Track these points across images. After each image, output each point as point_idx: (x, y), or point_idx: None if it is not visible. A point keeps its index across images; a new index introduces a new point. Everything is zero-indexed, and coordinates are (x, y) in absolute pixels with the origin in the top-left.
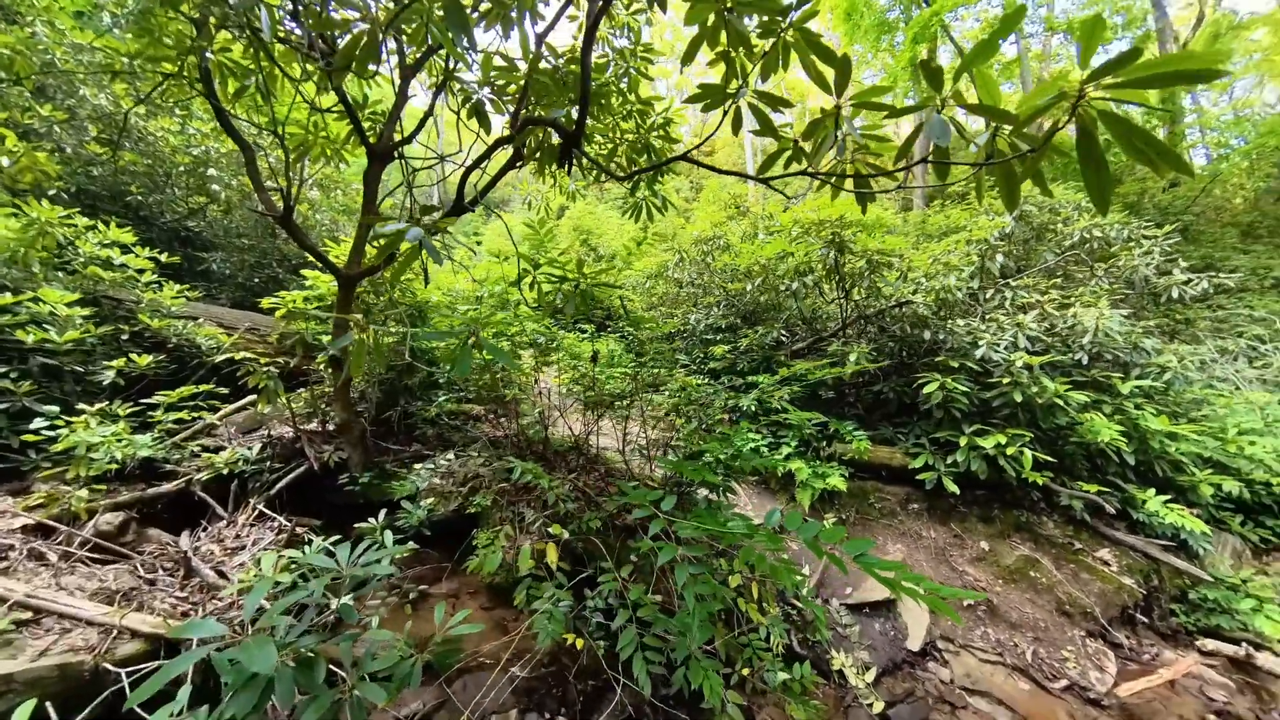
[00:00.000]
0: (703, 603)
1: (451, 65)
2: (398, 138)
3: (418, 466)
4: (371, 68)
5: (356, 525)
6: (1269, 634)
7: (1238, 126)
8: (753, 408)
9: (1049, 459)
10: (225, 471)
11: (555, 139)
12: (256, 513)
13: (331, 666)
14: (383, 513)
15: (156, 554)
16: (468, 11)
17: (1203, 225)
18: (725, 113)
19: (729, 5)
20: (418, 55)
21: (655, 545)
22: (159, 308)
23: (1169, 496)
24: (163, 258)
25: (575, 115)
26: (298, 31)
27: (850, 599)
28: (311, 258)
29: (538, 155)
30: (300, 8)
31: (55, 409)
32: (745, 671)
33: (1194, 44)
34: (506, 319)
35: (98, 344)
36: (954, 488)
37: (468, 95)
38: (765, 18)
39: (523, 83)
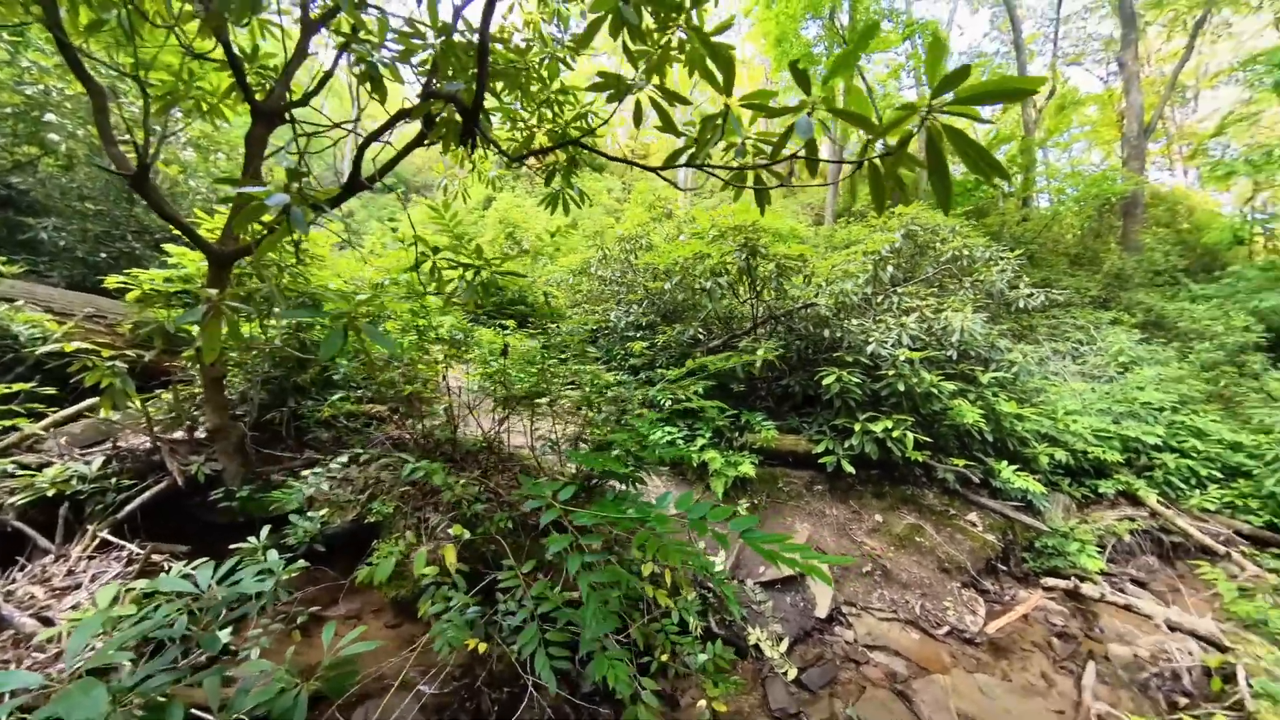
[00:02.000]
0: (598, 591)
1: (352, 25)
2: (294, 98)
3: (305, 472)
4: (266, 17)
5: (234, 546)
6: (1090, 569)
7: (1072, 179)
8: (666, 400)
9: (927, 440)
10: (51, 493)
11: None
12: (98, 542)
13: (196, 711)
14: (266, 529)
15: None
16: None
17: (1044, 253)
18: (637, 104)
19: None
20: (326, 8)
21: (547, 538)
22: None
23: (1018, 466)
24: None
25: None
26: None
27: (764, 577)
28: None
29: (444, 132)
30: None
31: None
32: (665, 658)
33: (1046, 110)
34: (413, 309)
35: None
36: (851, 469)
37: (361, 57)
38: (661, 12)
39: (433, 54)
